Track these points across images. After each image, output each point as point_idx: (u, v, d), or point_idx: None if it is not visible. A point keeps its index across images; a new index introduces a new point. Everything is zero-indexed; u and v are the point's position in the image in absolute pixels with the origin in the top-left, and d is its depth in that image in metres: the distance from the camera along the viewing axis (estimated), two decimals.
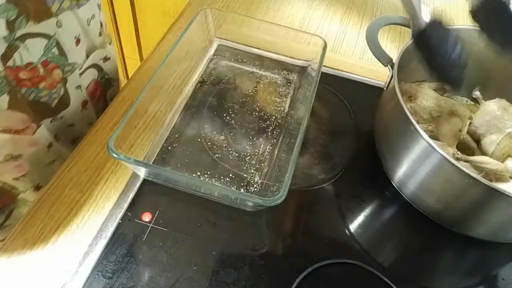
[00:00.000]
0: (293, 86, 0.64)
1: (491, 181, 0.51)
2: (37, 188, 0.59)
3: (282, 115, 0.60)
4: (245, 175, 0.52)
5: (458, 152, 0.51)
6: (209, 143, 0.55)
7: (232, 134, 0.56)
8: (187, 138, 0.55)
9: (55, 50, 0.51)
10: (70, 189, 0.50)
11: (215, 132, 0.56)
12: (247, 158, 0.54)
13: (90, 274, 0.43)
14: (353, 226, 0.50)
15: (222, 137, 0.55)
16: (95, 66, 0.63)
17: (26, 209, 0.49)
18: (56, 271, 0.43)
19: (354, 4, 0.85)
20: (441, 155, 0.42)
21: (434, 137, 0.52)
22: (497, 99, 0.58)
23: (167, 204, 0.49)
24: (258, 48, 0.68)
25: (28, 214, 0.47)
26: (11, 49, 0.46)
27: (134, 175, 0.51)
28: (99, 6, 0.63)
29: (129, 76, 0.66)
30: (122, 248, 0.45)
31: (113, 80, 0.70)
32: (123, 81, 1.72)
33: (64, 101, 0.57)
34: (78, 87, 0.59)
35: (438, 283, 0.48)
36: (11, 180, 0.56)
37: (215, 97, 0.61)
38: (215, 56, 0.67)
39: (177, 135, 0.56)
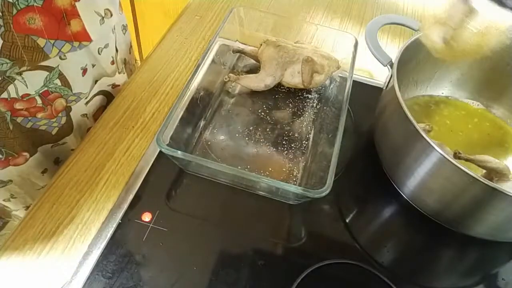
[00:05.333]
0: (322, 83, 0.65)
1: (492, 180, 0.51)
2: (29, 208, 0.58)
3: (315, 110, 0.61)
4: (283, 169, 0.53)
5: (460, 151, 0.51)
6: (246, 138, 0.56)
7: (268, 130, 0.57)
8: (225, 133, 0.56)
9: (57, 81, 0.49)
10: (70, 189, 0.50)
11: (251, 128, 0.57)
12: (284, 152, 0.55)
13: (90, 274, 0.43)
14: (353, 226, 0.50)
15: (259, 132, 0.57)
16: (103, 92, 0.60)
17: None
18: (56, 271, 0.43)
19: (354, 3, 0.85)
20: (441, 154, 0.42)
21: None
22: (263, 44, 0.61)
23: (167, 204, 0.49)
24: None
25: (28, 214, 0.47)
26: (5, 82, 0.44)
27: (134, 175, 0.51)
28: (124, 27, 0.59)
29: (129, 76, 0.66)
30: (122, 248, 0.45)
31: None
32: None
33: (66, 129, 0.55)
34: (84, 115, 0.57)
35: (438, 282, 0.48)
36: (1, 201, 0.54)
37: (249, 94, 0.62)
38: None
39: (214, 130, 0.57)
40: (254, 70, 0.65)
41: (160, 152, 0.53)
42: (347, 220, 0.51)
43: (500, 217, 0.45)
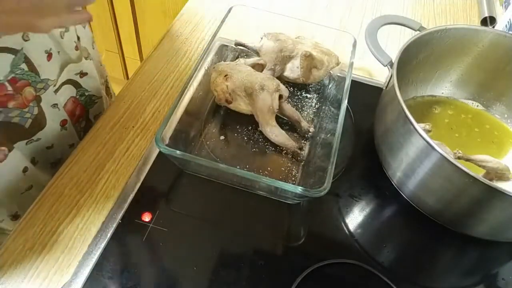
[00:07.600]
0: (321, 82, 0.65)
1: (492, 179, 0.51)
2: (15, 217, 0.56)
3: (314, 110, 0.61)
4: (282, 169, 0.53)
5: (459, 151, 0.51)
6: (245, 138, 0.56)
7: (267, 129, 0.57)
8: (224, 133, 0.56)
9: (24, 66, 0.47)
10: (70, 189, 0.50)
11: (250, 127, 0.57)
12: (283, 152, 0.55)
13: (90, 274, 0.43)
14: (353, 226, 0.50)
15: (258, 132, 0.57)
16: (71, 82, 0.57)
17: (5, 238, 0.46)
18: (56, 271, 0.43)
19: (354, 4, 0.85)
20: (441, 154, 0.42)
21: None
22: (265, 34, 0.62)
23: (167, 204, 0.49)
24: None
25: (28, 214, 0.47)
26: None
27: (134, 175, 0.51)
28: None
29: (129, 76, 0.66)
30: (122, 248, 0.45)
31: (95, 97, 0.64)
32: (123, 81, 1.72)
33: (39, 121, 0.53)
34: (55, 105, 0.54)
35: (438, 282, 0.48)
36: None
37: None
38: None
39: (214, 130, 0.57)
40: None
41: (160, 152, 0.53)
42: (347, 220, 0.51)
43: (500, 217, 0.45)
